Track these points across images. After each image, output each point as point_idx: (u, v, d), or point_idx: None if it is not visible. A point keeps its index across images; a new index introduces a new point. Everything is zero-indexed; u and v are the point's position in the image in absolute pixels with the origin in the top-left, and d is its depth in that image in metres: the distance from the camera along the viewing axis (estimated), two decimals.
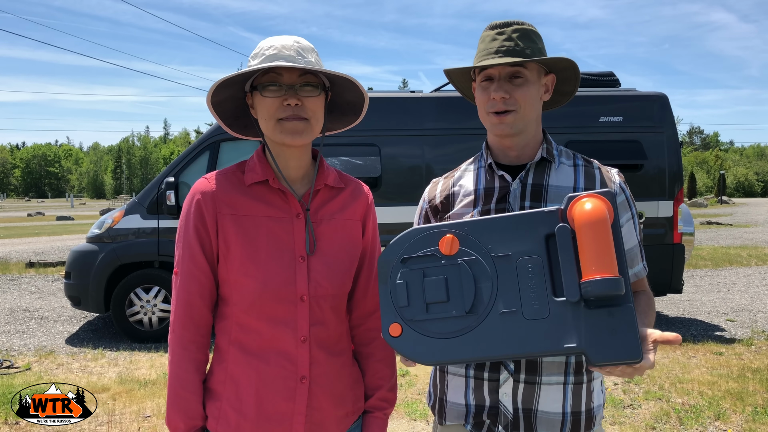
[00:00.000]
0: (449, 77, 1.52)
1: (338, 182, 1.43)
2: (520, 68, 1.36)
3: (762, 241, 15.77)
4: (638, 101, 6.33)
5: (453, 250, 1.15)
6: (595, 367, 1.09)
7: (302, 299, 1.31)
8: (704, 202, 43.69)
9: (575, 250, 1.09)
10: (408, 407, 4.13)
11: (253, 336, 1.32)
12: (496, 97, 1.36)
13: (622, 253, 1.09)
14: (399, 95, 6.34)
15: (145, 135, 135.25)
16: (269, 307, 1.30)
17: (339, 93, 1.42)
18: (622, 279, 1.04)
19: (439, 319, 1.13)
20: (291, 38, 1.32)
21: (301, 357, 1.32)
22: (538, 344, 1.09)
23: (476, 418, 1.40)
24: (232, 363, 1.33)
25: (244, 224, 1.31)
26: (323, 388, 1.35)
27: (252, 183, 1.35)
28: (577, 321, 1.07)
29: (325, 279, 1.34)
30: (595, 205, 1.08)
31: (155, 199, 6.06)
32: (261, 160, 1.37)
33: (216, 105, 1.34)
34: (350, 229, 1.42)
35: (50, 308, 7.78)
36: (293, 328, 1.31)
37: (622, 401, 4.25)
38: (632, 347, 1.05)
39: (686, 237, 6.37)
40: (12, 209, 51.89)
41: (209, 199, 1.32)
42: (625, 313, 1.06)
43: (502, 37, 1.37)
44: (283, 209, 1.34)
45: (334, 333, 1.39)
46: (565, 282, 1.08)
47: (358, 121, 1.47)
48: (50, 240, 17.82)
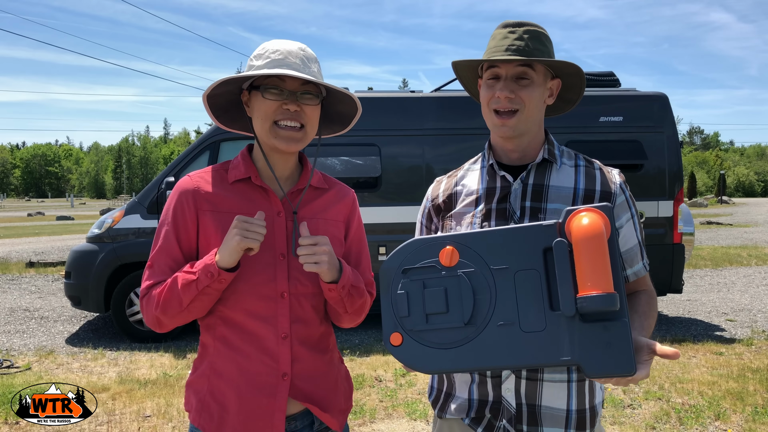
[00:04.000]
0: (456, 71, 1.53)
1: (322, 183, 1.46)
2: (527, 69, 1.37)
3: (762, 241, 15.77)
4: (638, 101, 6.33)
5: (453, 262, 1.17)
6: (590, 378, 1.11)
7: (282, 296, 1.33)
8: (704, 202, 43.69)
9: (572, 264, 1.11)
10: (408, 407, 4.13)
11: (236, 331, 1.33)
12: (501, 95, 1.37)
13: (618, 268, 1.11)
14: (399, 95, 6.34)
15: (145, 135, 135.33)
16: (250, 303, 1.31)
17: (332, 103, 1.46)
18: (617, 295, 1.06)
19: (438, 330, 1.15)
20: (296, 45, 1.35)
21: (282, 354, 1.33)
22: (534, 356, 1.11)
23: (478, 412, 1.41)
24: (215, 358, 1.35)
25: (225, 221, 1.33)
26: (305, 385, 1.37)
27: (235, 180, 1.37)
28: (573, 334, 1.10)
29: (306, 277, 1.35)
30: (592, 220, 1.10)
31: (155, 199, 6.06)
32: (245, 159, 1.40)
33: (209, 98, 1.37)
34: (332, 230, 1.43)
35: (50, 308, 7.78)
36: (274, 324, 1.33)
37: (622, 401, 4.24)
38: (626, 361, 1.07)
39: (686, 237, 6.37)
40: (12, 209, 51.90)
41: (190, 196, 1.34)
42: (619, 328, 1.08)
43: (513, 36, 1.38)
44: (264, 207, 1.36)
45: (317, 331, 1.40)
46: (561, 296, 1.10)
47: (345, 131, 1.52)
48: (50, 240, 17.83)
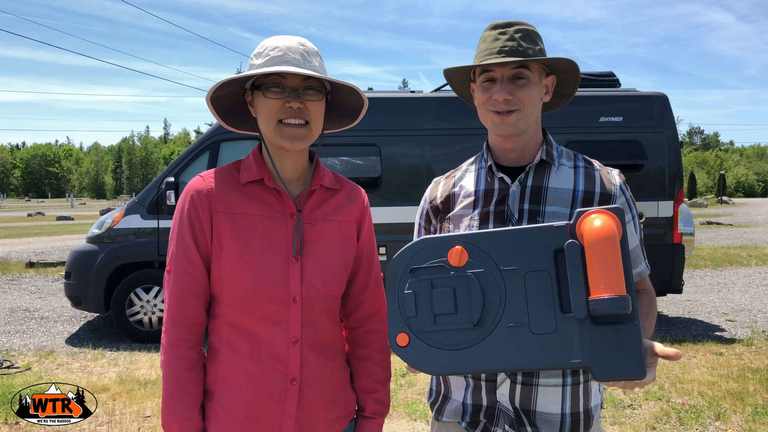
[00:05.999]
0: (447, 76, 1.51)
1: (334, 184, 1.42)
2: (523, 69, 1.36)
3: (762, 241, 15.77)
4: (638, 101, 6.32)
5: (462, 262, 1.15)
6: (599, 382, 1.10)
7: (295, 300, 1.30)
8: (704, 202, 43.68)
9: (584, 266, 1.09)
10: (408, 407, 4.13)
11: (244, 336, 1.30)
12: (499, 98, 1.36)
13: (629, 271, 1.09)
14: (399, 95, 6.34)
15: (145, 135, 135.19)
16: (261, 307, 1.29)
17: (339, 96, 1.42)
18: (629, 298, 1.05)
19: (446, 331, 1.13)
20: (296, 40, 1.31)
21: (292, 359, 1.31)
22: (544, 358, 1.10)
23: (473, 417, 1.40)
24: (223, 363, 1.32)
25: (239, 223, 1.31)
26: (314, 391, 1.34)
27: (247, 182, 1.34)
28: (583, 337, 1.09)
29: (319, 280, 1.33)
30: (605, 222, 1.08)
31: (155, 199, 6.06)
32: (257, 159, 1.37)
33: (214, 100, 1.34)
34: (345, 231, 1.41)
35: (50, 308, 7.78)
36: (285, 329, 1.30)
37: (622, 401, 4.24)
38: (636, 364, 1.06)
39: (686, 237, 6.37)
40: (12, 209, 51.88)
41: (204, 197, 1.31)
42: (630, 331, 1.07)
43: (504, 37, 1.36)
44: (277, 209, 1.34)
45: (327, 335, 1.37)
46: (573, 298, 1.09)
47: (354, 124, 1.47)
48: (50, 240, 17.82)
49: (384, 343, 1.46)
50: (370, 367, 1.46)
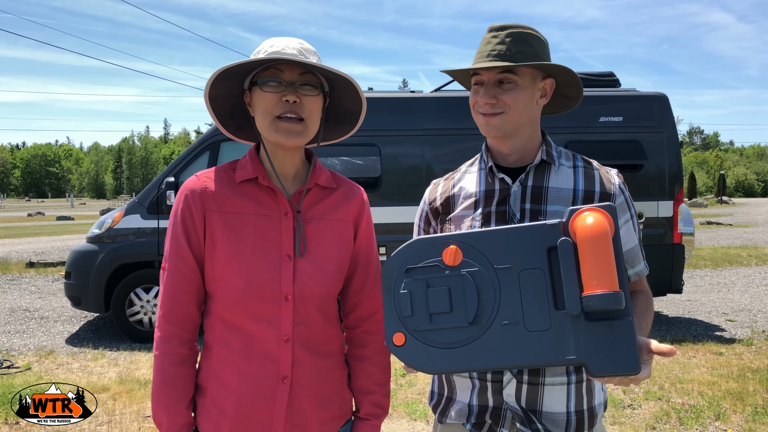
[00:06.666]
0: (453, 75, 1.52)
1: (330, 182, 1.42)
2: (508, 74, 1.36)
3: (762, 241, 15.77)
4: (638, 101, 6.32)
5: (456, 261, 1.16)
6: (594, 378, 1.11)
7: (287, 299, 1.31)
8: (704, 202, 43.68)
9: (577, 263, 1.11)
10: (408, 407, 4.13)
11: (236, 333, 1.31)
12: (482, 101, 1.38)
13: (622, 267, 1.11)
14: (399, 95, 6.34)
15: (145, 135, 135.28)
16: (252, 305, 1.30)
17: (337, 99, 1.42)
18: (622, 293, 1.06)
19: (442, 330, 1.14)
20: (295, 40, 1.33)
21: (283, 357, 1.31)
22: (539, 355, 1.11)
23: (478, 418, 1.40)
24: (216, 359, 1.33)
25: (231, 221, 1.32)
26: (306, 390, 1.34)
27: (242, 180, 1.35)
28: (578, 333, 1.10)
29: (312, 279, 1.33)
30: (597, 220, 1.10)
31: (155, 199, 6.06)
32: (253, 158, 1.38)
33: (212, 100, 1.35)
34: (341, 230, 1.41)
35: (50, 308, 7.78)
36: (276, 327, 1.30)
37: (622, 401, 4.25)
38: (631, 360, 1.08)
39: (686, 237, 6.37)
40: (12, 209, 51.89)
41: (198, 196, 1.33)
42: (624, 327, 1.08)
43: (495, 41, 1.38)
44: (271, 207, 1.34)
45: (321, 334, 1.37)
46: (566, 295, 1.10)
47: (354, 131, 1.47)
48: (50, 240, 17.82)
49: (382, 344, 1.46)
50: (367, 368, 1.46)
